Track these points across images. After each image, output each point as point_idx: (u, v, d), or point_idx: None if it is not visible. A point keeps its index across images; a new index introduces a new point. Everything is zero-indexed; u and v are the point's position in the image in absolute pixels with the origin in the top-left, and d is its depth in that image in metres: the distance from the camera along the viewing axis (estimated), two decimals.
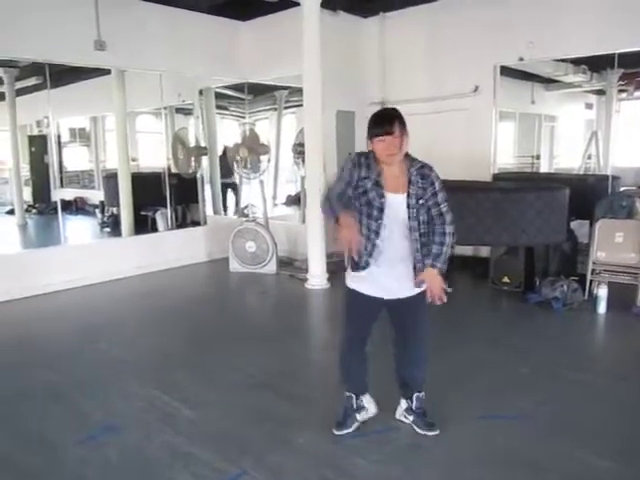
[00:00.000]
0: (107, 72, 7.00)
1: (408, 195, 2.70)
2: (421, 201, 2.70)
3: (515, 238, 5.25)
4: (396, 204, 2.71)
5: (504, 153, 8.56)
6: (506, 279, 5.76)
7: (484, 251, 6.52)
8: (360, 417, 3.10)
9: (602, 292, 5.02)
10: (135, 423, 3.25)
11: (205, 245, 7.77)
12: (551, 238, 5.42)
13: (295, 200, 9.03)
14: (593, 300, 5.12)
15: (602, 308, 5.02)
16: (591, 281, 5.38)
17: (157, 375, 3.92)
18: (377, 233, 2.73)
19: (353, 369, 3.10)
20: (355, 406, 3.09)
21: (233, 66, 7.87)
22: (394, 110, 2.76)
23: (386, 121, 2.66)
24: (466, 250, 6.84)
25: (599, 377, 3.79)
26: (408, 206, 2.70)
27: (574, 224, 5.92)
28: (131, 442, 3.04)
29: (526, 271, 5.69)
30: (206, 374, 3.93)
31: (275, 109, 9.39)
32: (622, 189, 6.33)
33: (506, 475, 2.68)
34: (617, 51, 6.27)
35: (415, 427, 3.05)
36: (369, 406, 3.14)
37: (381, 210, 2.70)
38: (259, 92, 9.02)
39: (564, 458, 2.79)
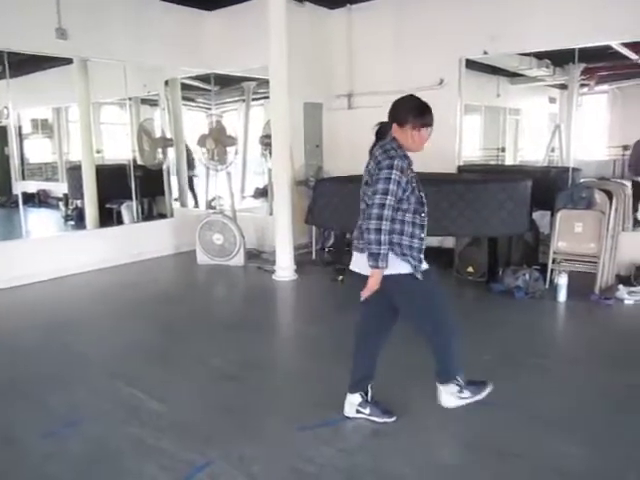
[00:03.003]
0: (69, 61, 6.85)
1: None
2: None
3: (479, 229, 5.35)
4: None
5: (470, 145, 8.69)
6: (470, 269, 5.88)
7: (449, 242, 6.62)
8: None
9: (562, 281, 5.16)
10: (100, 416, 3.23)
11: (172, 238, 7.70)
12: (514, 229, 5.54)
13: (263, 192, 9.00)
14: (554, 288, 5.26)
15: (562, 296, 5.16)
16: (552, 270, 5.53)
17: (123, 368, 3.89)
18: (424, 227, 2.82)
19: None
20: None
21: (199, 56, 7.79)
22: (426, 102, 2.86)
23: (431, 111, 2.78)
24: (432, 241, 6.92)
25: (559, 362, 3.91)
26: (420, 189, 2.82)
27: (536, 215, 6.06)
28: (96, 435, 3.01)
29: (490, 261, 5.81)
30: (173, 366, 3.92)
31: (243, 101, 9.33)
32: (582, 180, 6.48)
33: (470, 460, 2.74)
34: (578, 46, 6.41)
35: (374, 418, 3.05)
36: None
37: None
38: (226, 83, 8.94)
39: (528, 443, 2.86)
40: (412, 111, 2.76)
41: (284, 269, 6.15)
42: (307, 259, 6.97)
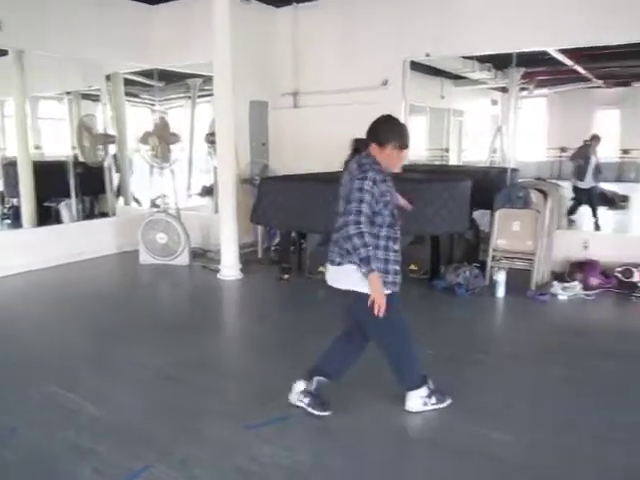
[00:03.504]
0: (4, 53, 6.57)
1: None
2: None
3: (422, 227, 5.45)
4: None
5: (416, 146, 8.85)
6: (413, 267, 5.98)
7: None
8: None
9: (500, 277, 5.33)
10: (35, 423, 3.11)
11: (114, 237, 7.50)
12: (455, 227, 5.68)
13: (209, 190, 8.89)
14: (493, 285, 5.42)
15: (501, 292, 5.33)
16: (492, 267, 5.70)
17: (60, 372, 3.76)
18: (397, 239, 2.96)
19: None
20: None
21: (141, 51, 7.60)
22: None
23: (409, 134, 2.94)
24: None
25: (496, 357, 4.03)
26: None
27: (477, 214, 6.23)
28: (31, 442, 2.91)
29: (432, 259, 5.93)
30: (112, 369, 3.83)
31: (189, 97, 9.19)
32: (520, 181, 6.71)
33: (409, 454, 2.80)
34: (516, 51, 6.62)
35: (310, 409, 3.09)
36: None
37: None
38: (172, 79, 8.79)
39: (464, 434, 2.94)
40: (395, 134, 2.88)
41: (229, 268, 6.09)
42: (253, 258, 6.92)
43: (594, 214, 7.84)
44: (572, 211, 7.76)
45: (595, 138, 8.20)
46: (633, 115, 10.09)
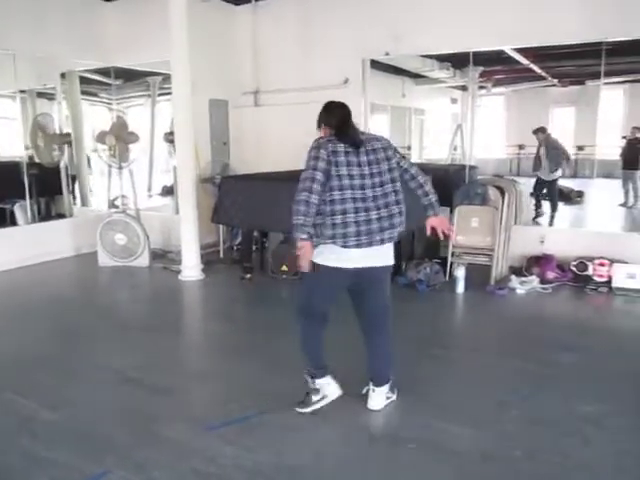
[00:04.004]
0: None
1: None
2: None
3: None
4: None
5: None
6: None
7: None
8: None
9: (460, 273, 5.41)
10: None
11: (72, 239, 7.31)
12: (415, 223, 5.71)
13: (170, 190, 8.76)
14: (453, 281, 5.50)
15: (460, 288, 5.42)
16: (452, 263, 5.78)
17: (13, 378, 3.66)
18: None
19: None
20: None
21: (97, 49, 7.43)
22: None
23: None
24: None
25: (456, 351, 4.11)
26: None
27: None
28: None
29: (394, 255, 5.96)
30: (68, 373, 3.73)
31: (149, 96, 9.04)
32: (479, 178, 6.83)
33: (371, 449, 2.81)
34: (472, 50, 6.73)
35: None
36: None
37: None
38: (131, 77, 8.62)
39: (423, 428, 2.97)
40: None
41: (190, 269, 6.02)
42: (215, 258, 6.86)
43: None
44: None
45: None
46: (587, 113, 10.38)
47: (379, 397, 3.16)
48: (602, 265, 5.50)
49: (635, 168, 8.72)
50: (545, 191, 8.16)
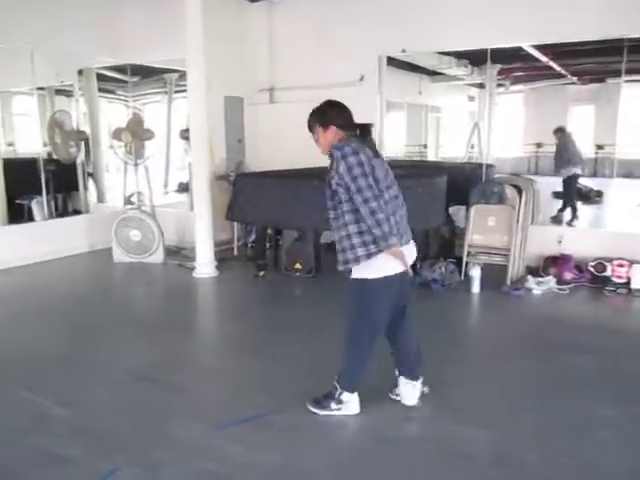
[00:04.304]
0: None
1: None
2: (333, 180, 2.80)
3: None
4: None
5: (394, 142, 8.83)
6: None
7: None
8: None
9: (475, 273, 5.34)
10: (0, 428, 3.03)
11: (88, 235, 7.36)
12: (430, 222, 5.69)
13: (186, 187, 8.78)
14: (468, 280, 5.43)
15: (476, 288, 5.35)
16: (467, 263, 5.72)
17: (28, 375, 3.66)
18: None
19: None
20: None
21: (113, 46, 7.44)
22: (314, 109, 2.97)
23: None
24: None
25: (473, 352, 4.05)
26: (329, 184, 2.84)
27: (452, 209, 6.25)
28: None
29: None
30: (82, 370, 3.74)
31: (166, 93, 9.07)
32: (495, 176, 6.75)
33: (383, 451, 2.77)
34: (490, 47, 6.64)
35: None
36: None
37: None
38: (147, 74, 8.66)
39: (440, 431, 2.93)
40: None
41: (204, 266, 6.02)
42: (229, 255, 6.86)
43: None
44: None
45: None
46: (607, 111, 10.22)
47: (416, 391, 3.14)
48: (621, 266, 5.40)
49: None
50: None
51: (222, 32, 6.88)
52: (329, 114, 2.91)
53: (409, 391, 3.15)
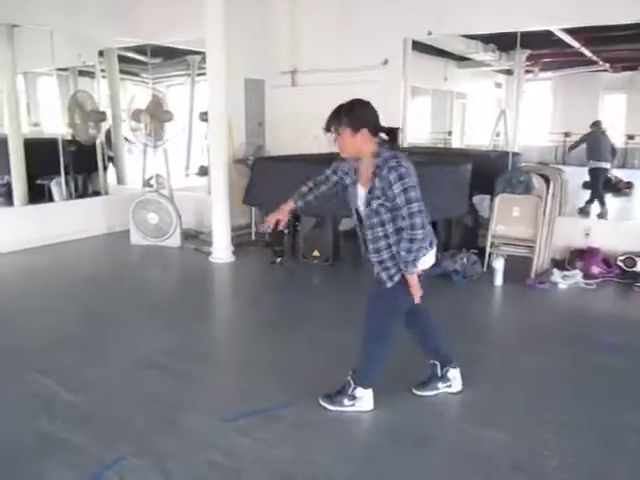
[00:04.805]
0: None
1: (369, 191, 2.63)
2: (379, 200, 2.60)
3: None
4: (361, 197, 2.72)
5: (419, 128, 8.64)
6: None
7: None
8: (442, 386, 3.09)
9: (498, 265, 5.17)
10: (8, 411, 2.99)
11: (106, 217, 7.33)
12: (453, 212, 5.52)
13: (206, 171, 8.71)
14: (491, 272, 5.26)
15: (499, 280, 5.18)
16: (490, 254, 5.54)
17: (41, 358, 3.62)
18: (357, 222, 2.86)
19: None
20: (440, 374, 3.09)
21: (134, 26, 7.31)
22: (339, 106, 2.69)
23: (326, 122, 2.69)
24: None
25: (496, 348, 3.87)
26: (368, 203, 2.65)
27: (476, 198, 6.06)
28: (1, 432, 2.79)
29: None
30: (95, 355, 3.70)
31: (189, 75, 8.99)
32: (522, 165, 6.53)
33: (395, 449, 2.66)
34: (520, 29, 6.39)
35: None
36: (454, 382, 3.11)
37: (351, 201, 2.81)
38: (170, 56, 8.59)
39: (453, 430, 2.82)
40: None
41: (221, 250, 5.94)
42: (246, 240, 6.78)
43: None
44: None
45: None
46: (639, 100, 9.88)
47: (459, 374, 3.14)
48: None
49: None
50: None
51: (243, 12, 6.73)
52: (360, 116, 2.64)
53: (458, 376, 3.11)
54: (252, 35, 7.10)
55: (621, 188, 9.10)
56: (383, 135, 2.70)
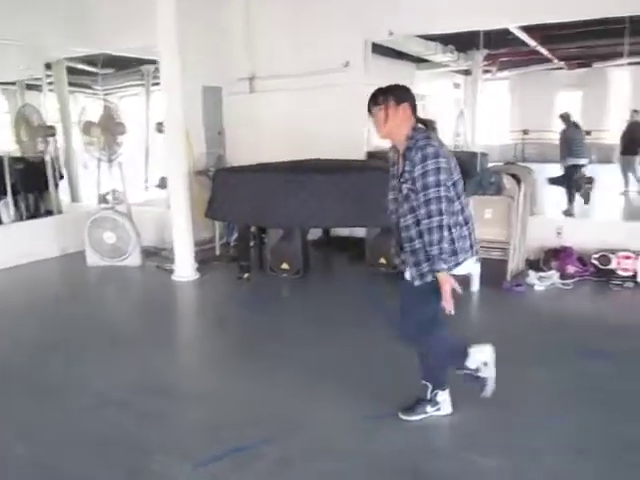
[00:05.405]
0: None
1: (400, 175, 2.53)
2: (407, 185, 2.46)
3: (388, 218, 5.08)
4: (396, 187, 2.60)
5: None
6: (383, 260, 5.63)
7: (361, 232, 6.34)
8: (430, 410, 2.87)
9: (474, 269, 5.00)
10: None
11: (59, 237, 6.88)
12: None
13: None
14: (466, 277, 5.09)
15: (475, 285, 5.02)
16: None
17: None
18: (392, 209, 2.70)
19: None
20: (429, 397, 2.87)
21: (83, 34, 6.92)
22: (379, 88, 2.59)
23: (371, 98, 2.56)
24: (342, 231, 6.67)
25: None
26: (400, 189, 2.53)
27: None
28: None
29: None
30: (43, 393, 3.35)
31: (144, 85, 8.65)
32: (491, 165, 6.43)
33: None
34: (476, 29, 6.34)
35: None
36: (443, 404, 2.89)
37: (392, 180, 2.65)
38: (123, 66, 8.25)
39: (443, 459, 2.61)
40: None
41: (184, 268, 5.62)
42: (210, 255, 6.45)
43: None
44: None
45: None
46: (594, 97, 10.00)
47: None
48: (627, 258, 5.11)
49: (635, 153, 8.42)
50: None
51: (197, 18, 6.44)
52: (401, 91, 2.56)
53: (448, 399, 2.91)
54: (208, 41, 6.81)
55: (582, 184, 9.14)
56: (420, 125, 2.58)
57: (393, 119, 2.50)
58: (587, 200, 7.63)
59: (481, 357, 2.78)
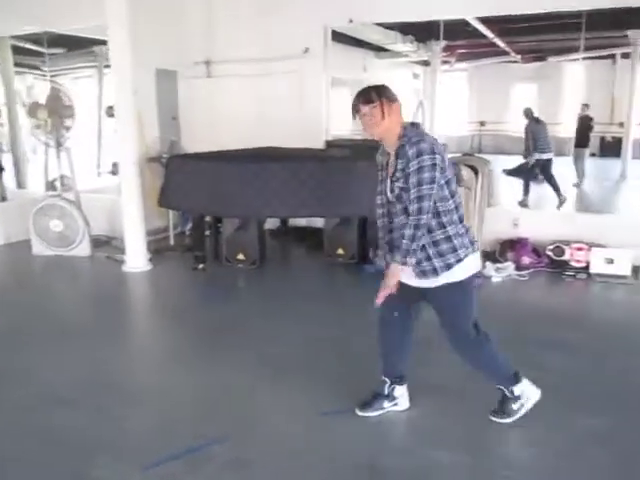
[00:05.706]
0: None
1: (392, 175, 2.47)
2: (398, 184, 2.39)
3: (347, 209, 5.02)
4: (388, 187, 2.53)
5: (341, 120, 8.40)
6: (341, 251, 5.57)
7: (319, 222, 6.26)
8: (388, 405, 2.82)
9: None
10: None
11: (3, 225, 6.55)
12: (371, 208, 5.29)
13: None
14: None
15: None
16: None
17: None
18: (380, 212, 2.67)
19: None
20: (386, 392, 2.81)
21: (27, 11, 6.58)
22: (365, 87, 2.53)
23: (357, 96, 2.50)
24: (300, 221, 6.58)
25: (433, 354, 3.58)
26: (392, 189, 2.48)
27: None
28: None
29: (360, 242, 5.54)
30: None
31: (97, 67, 8.32)
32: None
33: None
34: (441, 18, 6.31)
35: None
36: (401, 399, 2.84)
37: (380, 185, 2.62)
38: (75, 46, 7.89)
39: (407, 455, 2.55)
40: None
41: (136, 258, 5.42)
42: (164, 245, 6.25)
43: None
44: None
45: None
46: (549, 90, 10.21)
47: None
48: (580, 250, 5.19)
49: (585, 146, 8.66)
50: None
51: None
52: (390, 90, 2.51)
53: (406, 393, 2.88)
54: (163, 21, 6.52)
55: (537, 175, 9.30)
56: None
57: (389, 118, 2.45)
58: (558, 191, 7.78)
59: (530, 395, 2.75)
